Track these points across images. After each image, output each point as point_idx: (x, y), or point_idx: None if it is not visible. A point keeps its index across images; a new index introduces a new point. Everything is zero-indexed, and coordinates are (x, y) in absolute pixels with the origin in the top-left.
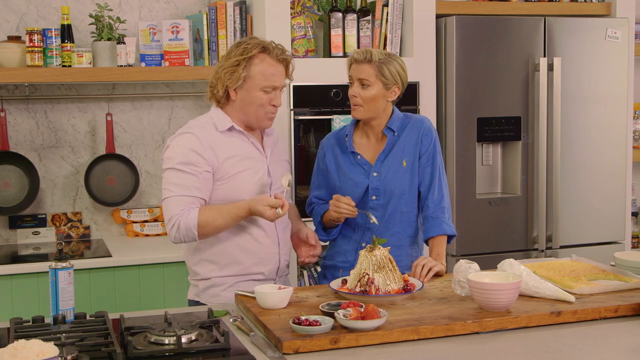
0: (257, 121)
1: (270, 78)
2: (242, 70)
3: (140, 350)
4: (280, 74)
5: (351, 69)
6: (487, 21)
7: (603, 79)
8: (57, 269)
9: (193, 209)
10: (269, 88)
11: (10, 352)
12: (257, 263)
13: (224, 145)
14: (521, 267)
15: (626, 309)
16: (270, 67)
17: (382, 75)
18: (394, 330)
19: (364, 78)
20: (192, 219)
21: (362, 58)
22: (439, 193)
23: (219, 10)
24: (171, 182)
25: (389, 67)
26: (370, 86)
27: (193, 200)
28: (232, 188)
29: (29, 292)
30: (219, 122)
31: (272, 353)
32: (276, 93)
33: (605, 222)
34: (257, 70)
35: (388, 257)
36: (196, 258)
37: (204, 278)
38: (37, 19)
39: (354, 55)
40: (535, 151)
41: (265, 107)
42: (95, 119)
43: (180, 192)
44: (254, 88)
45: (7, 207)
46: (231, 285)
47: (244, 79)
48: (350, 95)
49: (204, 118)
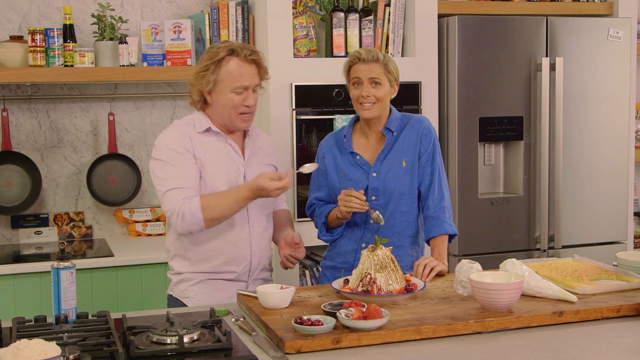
0: (231, 122)
1: (238, 79)
2: (212, 74)
3: (142, 350)
4: (250, 73)
5: (357, 70)
6: (490, 21)
7: (605, 79)
8: (59, 269)
9: (194, 196)
10: (239, 89)
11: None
12: (227, 262)
13: (201, 144)
14: (523, 267)
15: (628, 309)
16: (239, 67)
17: (388, 72)
18: (396, 330)
19: (375, 77)
20: (195, 204)
21: (370, 57)
22: (439, 193)
23: (221, 10)
24: (164, 177)
25: (392, 64)
26: (382, 84)
27: (189, 190)
28: (202, 188)
29: (31, 292)
30: (198, 123)
31: (274, 353)
32: (248, 93)
33: (608, 222)
34: (225, 73)
35: (390, 257)
36: (171, 253)
37: (177, 272)
38: (39, 18)
39: (359, 55)
40: (537, 151)
41: (238, 107)
42: (97, 118)
43: (176, 185)
44: (225, 90)
45: (9, 207)
46: (200, 281)
47: (214, 82)
48: (360, 97)
49: (186, 119)
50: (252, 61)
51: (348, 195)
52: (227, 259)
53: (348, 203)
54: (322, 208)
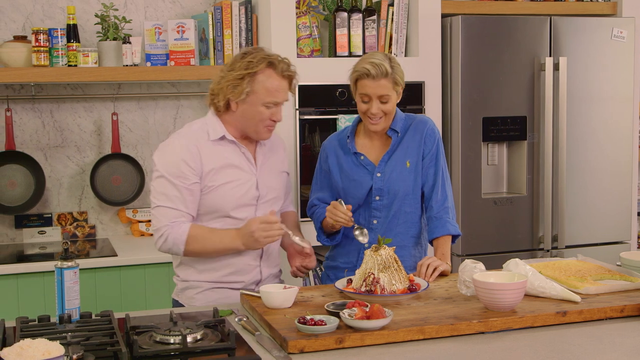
0: (256, 134)
1: (273, 94)
2: (246, 85)
3: (146, 349)
4: (284, 89)
5: (364, 86)
6: (493, 21)
7: (609, 79)
8: (62, 268)
9: (184, 223)
10: (270, 104)
11: (16, 351)
12: (234, 273)
13: (213, 155)
14: (527, 267)
15: (632, 309)
16: (275, 82)
17: (396, 84)
18: (399, 330)
19: (384, 94)
20: (181, 234)
21: (379, 73)
22: (442, 193)
23: (225, 10)
24: (161, 192)
25: (398, 74)
26: (389, 100)
27: (182, 214)
28: (216, 198)
29: (35, 292)
30: (212, 130)
31: (277, 352)
32: (278, 108)
33: (611, 222)
34: (261, 86)
35: (393, 257)
36: (177, 260)
37: (183, 280)
38: (43, 18)
39: (367, 71)
40: (540, 151)
41: (265, 121)
42: (100, 118)
43: (170, 204)
44: (257, 103)
45: (13, 207)
46: (207, 289)
47: (247, 94)
48: (369, 113)
49: (199, 123)
50: (287, 76)
51: (335, 209)
52: (234, 269)
53: (334, 217)
54: (320, 211)
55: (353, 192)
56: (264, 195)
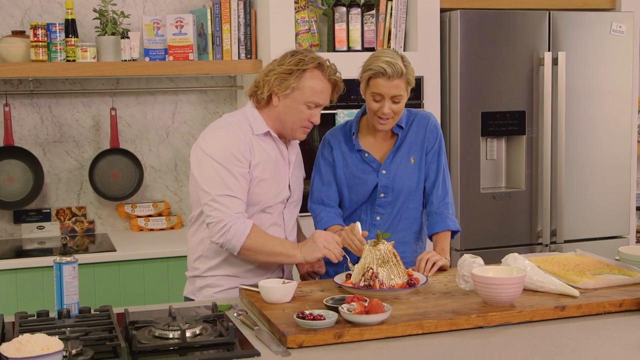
0: (292, 132)
1: (317, 94)
2: (294, 80)
3: (145, 344)
4: (327, 93)
5: (378, 85)
6: (492, 15)
7: (608, 73)
8: (61, 264)
9: (247, 217)
10: (312, 104)
11: (15, 346)
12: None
13: (257, 148)
14: (525, 261)
15: (630, 303)
16: (321, 83)
17: (408, 84)
18: (398, 324)
19: (397, 94)
20: (245, 229)
21: (395, 73)
22: (442, 189)
23: (223, 4)
24: (218, 182)
25: (411, 73)
26: (401, 100)
27: (243, 205)
28: (257, 192)
29: (34, 287)
30: (255, 124)
31: (276, 347)
32: (318, 110)
33: (610, 217)
34: (307, 84)
35: (392, 252)
36: (197, 253)
37: (201, 275)
38: (41, 13)
39: (383, 71)
40: (539, 145)
41: (303, 121)
42: (99, 113)
43: (234, 193)
44: (299, 100)
45: (11, 202)
46: (228, 289)
47: (292, 89)
48: (380, 113)
49: (240, 115)
50: (333, 81)
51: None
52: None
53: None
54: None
55: (357, 189)
56: (292, 195)
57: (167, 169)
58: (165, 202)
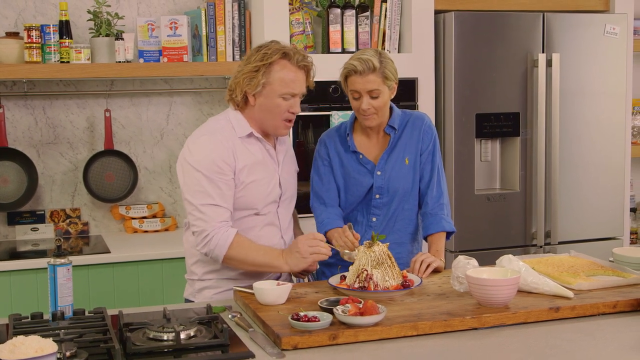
0: (274, 129)
1: (290, 85)
2: (262, 76)
3: (139, 346)
4: (300, 80)
5: (354, 82)
6: (486, 17)
7: (602, 75)
8: (55, 265)
9: (230, 227)
10: (288, 95)
11: (8, 349)
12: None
13: (242, 152)
14: (520, 263)
15: (624, 304)
16: (290, 73)
17: (386, 79)
18: (393, 326)
19: (373, 89)
20: (226, 239)
21: (366, 68)
22: (437, 190)
23: (218, 6)
24: (200, 190)
25: (388, 68)
26: (381, 93)
27: (227, 213)
28: (247, 195)
29: (28, 289)
30: (238, 126)
31: (270, 349)
32: (295, 100)
33: (604, 218)
34: (276, 77)
35: (387, 253)
36: (194, 258)
37: (199, 279)
38: (35, 14)
39: (354, 68)
40: (533, 147)
41: (283, 114)
42: (93, 115)
43: (216, 202)
44: (273, 95)
45: (5, 204)
46: (227, 290)
47: (262, 85)
48: (361, 110)
49: (223, 120)
50: (303, 67)
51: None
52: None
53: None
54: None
55: (353, 190)
56: (285, 192)
57: (162, 171)
58: (160, 203)
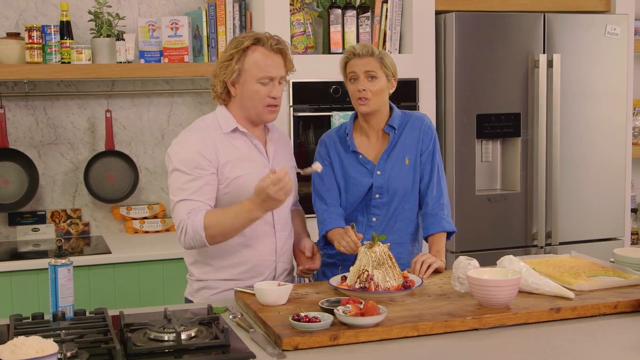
0: (257, 116)
1: (265, 69)
2: (236, 63)
3: (140, 346)
4: (277, 64)
5: (352, 65)
6: (487, 17)
7: (602, 76)
8: (56, 266)
9: (200, 211)
10: (265, 79)
11: (9, 349)
12: (251, 269)
13: (227, 148)
14: (520, 263)
15: (625, 305)
16: (264, 57)
17: (384, 66)
18: (394, 326)
19: (370, 70)
20: (198, 221)
21: (365, 52)
22: (437, 190)
23: (219, 6)
24: (178, 187)
25: (388, 59)
26: (378, 78)
27: (200, 205)
28: (233, 191)
29: (29, 289)
30: (223, 122)
31: (271, 349)
32: (274, 84)
33: (605, 219)
34: (251, 62)
35: (387, 254)
36: (192, 258)
37: (198, 279)
38: (36, 15)
39: (353, 50)
40: (534, 148)
41: (263, 99)
42: (94, 115)
43: (188, 197)
44: (250, 80)
45: (6, 204)
46: (225, 290)
47: (238, 72)
48: (356, 91)
49: (210, 118)
50: (278, 50)
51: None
52: (252, 265)
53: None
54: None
55: (353, 190)
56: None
57: (163, 171)
58: (161, 204)
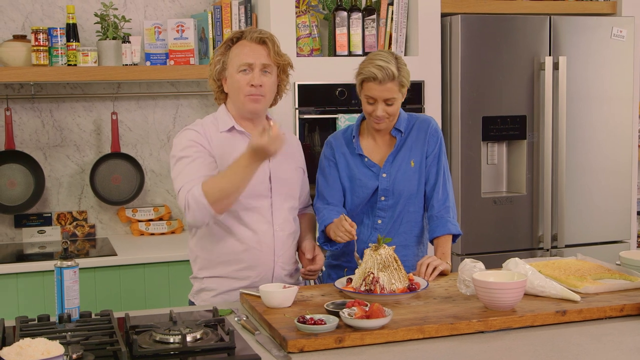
0: (242, 106)
1: (244, 56)
2: (220, 56)
3: (146, 349)
4: (256, 52)
5: (371, 89)
6: (493, 20)
7: (609, 78)
8: (62, 268)
9: (198, 184)
10: (243, 66)
11: (15, 351)
12: (247, 268)
13: (224, 144)
14: (526, 266)
15: (632, 308)
16: (244, 47)
17: (402, 86)
18: (399, 329)
19: (390, 97)
20: (197, 191)
21: (386, 77)
22: (443, 192)
23: (224, 9)
24: (177, 173)
25: (405, 75)
26: (395, 102)
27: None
28: None
29: (35, 291)
30: (221, 121)
31: (277, 352)
32: (254, 73)
33: (611, 221)
34: (232, 54)
35: (393, 256)
36: (193, 254)
37: (197, 277)
38: (42, 17)
39: (374, 75)
40: (540, 150)
41: (244, 89)
42: (100, 117)
43: (187, 179)
44: (233, 71)
45: (12, 206)
46: (223, 292)
47: (222, 65)
48: (374, 115)
49: (209, 117)
50: (260, 40)
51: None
52: (248, 264)
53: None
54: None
55: (358, 192)
56: (278, 187)
57: (168, 174)
58: (166, 206)
